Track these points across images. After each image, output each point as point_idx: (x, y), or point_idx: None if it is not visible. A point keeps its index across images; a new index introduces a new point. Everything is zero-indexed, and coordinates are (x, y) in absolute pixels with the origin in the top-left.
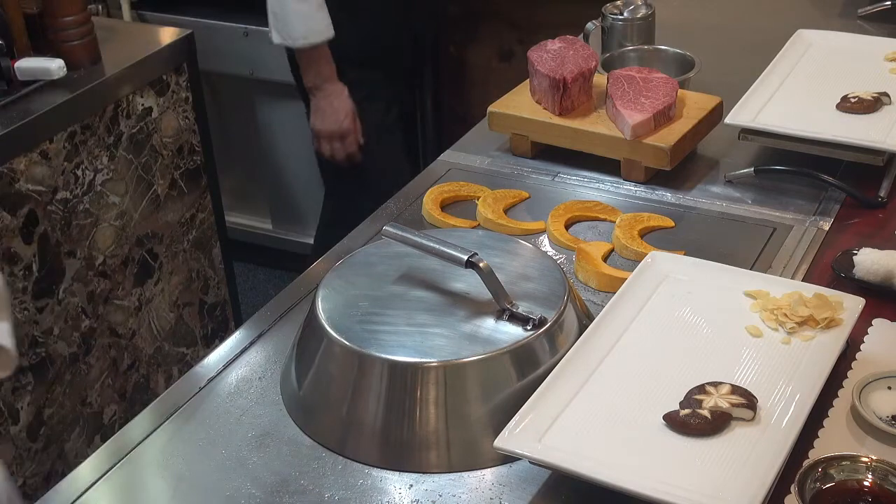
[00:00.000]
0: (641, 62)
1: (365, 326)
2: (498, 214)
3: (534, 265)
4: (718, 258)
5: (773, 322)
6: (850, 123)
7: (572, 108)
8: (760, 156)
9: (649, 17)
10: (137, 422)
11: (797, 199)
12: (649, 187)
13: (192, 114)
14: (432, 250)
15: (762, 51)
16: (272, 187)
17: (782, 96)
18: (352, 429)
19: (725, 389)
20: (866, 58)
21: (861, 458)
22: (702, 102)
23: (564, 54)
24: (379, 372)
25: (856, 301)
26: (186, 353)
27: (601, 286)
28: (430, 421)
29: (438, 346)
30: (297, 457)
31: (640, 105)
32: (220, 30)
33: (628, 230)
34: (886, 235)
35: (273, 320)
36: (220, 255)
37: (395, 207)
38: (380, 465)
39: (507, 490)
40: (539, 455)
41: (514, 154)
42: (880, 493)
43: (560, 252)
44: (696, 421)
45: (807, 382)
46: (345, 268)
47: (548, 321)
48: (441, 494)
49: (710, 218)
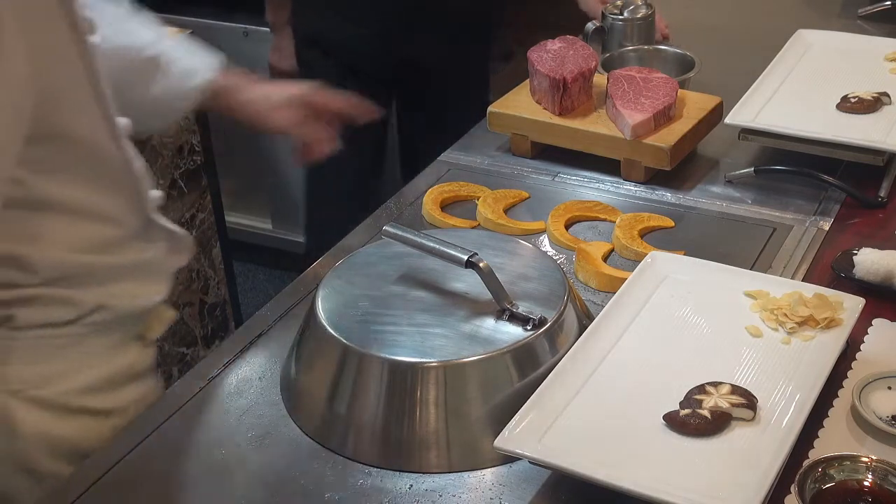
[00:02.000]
0: (641, 62)
1: (365, 326)
2: (498, 214)
3: (534, 265)
4: (718, 258)
5: (773, 322)
6: (850, 123)
7: (572, 108)
8: (760, 156)
9: (649, 17)
10: (137, 422)
11: (797, 199)
12: (649, 187)
13: (192, 114)
14: (432, 250)
15: (762, 51)
16: (272, 187)
17: (782, 96)
18: (352, 429)
19: (725, 389)
20: (866, 58)
21: (861, 458)
22: (702, 102)
23: (564, 54)
24: (379, 372)
25: (856, 301)
26: (186, 353)
27: (601, 286)
28: (430, 421)
29: (438, 346)
30: (297, 457)
31: (640, 105)
32: (220, 30)
33: (628, 230)
34: (886, 235)
35: (273, 320)
36: (220, 255)
37: (395, 207)
38: (380, 465)
39: (507, 490)
40: (539, 455)
41: (514, 154)
42: (880, 493)
43: (560, 252)
44: (696, 421)
45: (807, 382)
46: (345, 268)
47: (548, 321)
48: (441, 494)
49: (710, 218)
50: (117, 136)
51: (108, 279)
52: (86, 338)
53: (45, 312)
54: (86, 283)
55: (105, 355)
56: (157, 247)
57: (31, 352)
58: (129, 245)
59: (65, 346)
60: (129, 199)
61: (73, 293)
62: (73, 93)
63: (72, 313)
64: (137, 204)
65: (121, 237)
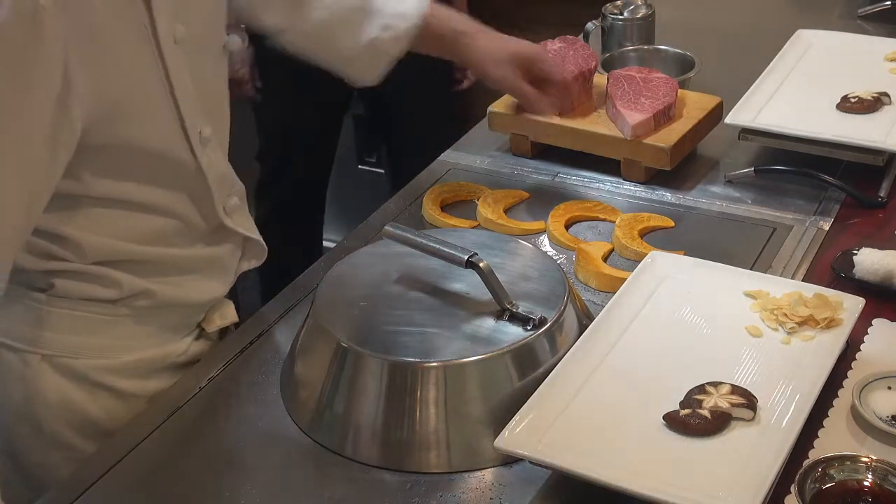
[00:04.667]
0: (641, 62)
1: (365, 326)
2: (498, 214)
3: (534, 265)
4: (718, 258)
5: (773, 322)
6: (850, 123)
7: (572, 108)
8: (760, 156)
9: (649, 17)
10: (137, 421)
11: (797, 199)
12: (649, 187)
13: None
14: (432, 250)
15: (762, 51)
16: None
17: (782, 96)
18: (352, 429)
19: (725, 389)
20: (866, 58)
21: (861, 458)
22: (702, 102)
23: (564, 54)
24: (379, 372)
25: (856, 301)
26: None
27: (601, 286)
28: (430, 421)
29: (438, 346)
30: (298, 457)
31: (640, 105)
32: None
33: (628, 230)
34: (886, 235)
35: (273, 320)
36: None
37: (395, 207)
38: (380, 465)
39: (507, 490)
40: (539, 455)
41: (514, 154)
42: (880, 493)
43: (560, 252)
44: (696, 421)
45: (807, 382)
46: (345, 268)
47: (548, 321)
48: (441, 494)
49: (710, 218)
50: (193, 145)
51: (161, 269)
52: (128, 319)
53: (87, 288)
54: (136, 270)
55: (146, 342)
56: (225, 248)
57: (68, 321)
58: (193, 242)
59: (104, 323)
60: (199, 203)
61: (120, 276)
62: (146, 105)
63: (114, 294)
64: (208, 209)
65: (183, 233)
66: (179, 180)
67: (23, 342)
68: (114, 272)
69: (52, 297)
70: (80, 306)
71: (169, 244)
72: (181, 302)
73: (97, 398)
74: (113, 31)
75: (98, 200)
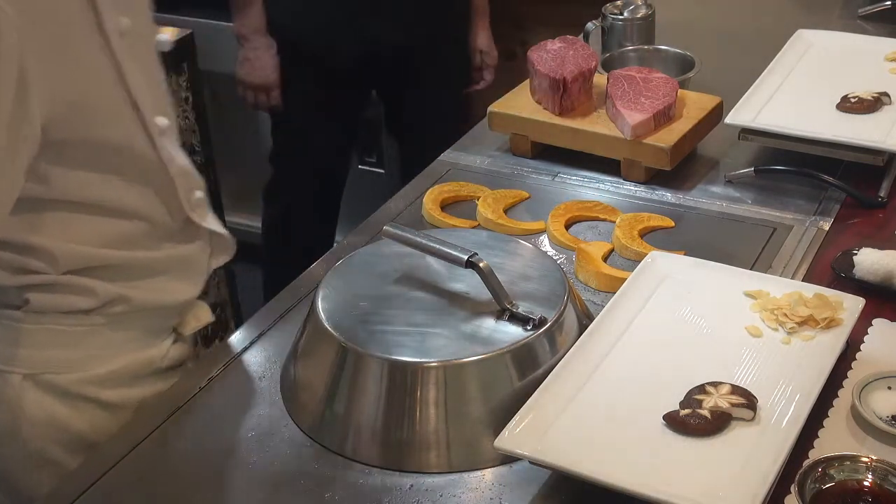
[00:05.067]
0: (641, 62)
1: (365, 326)
2: (498, 214)
3: (534, 265)
4: (718, 258)
5: (773, 322)
6: (850, 123)
7: (572, 108)
8: (760, 156)
9: (649, 17)
10: (137, 421)
11: (797, 199)
12: (649, 187)
13: (192, 114)
14: (432, 250)
15: (762, 51)
16: None
17: (782, 96)
18: (352, 429)
19: (725, 389)
20: (866, 58)
21: (861, 458)
22: (702, 102)
23: (564, 54)
24: (379, 372)
25: (856, 301)
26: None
27: (601, 286)
28: (430, 421)
29: (438, 346)
30: (297, 457)
31: (640, 105)
32: (220, 30)
33: (628, 230)
34: (886, 235)
35: (273, 320)
36: None
37: (395, 207)
38: (380, 465)
39: (507, 490)
40: (539, 455)
41: (514, 154)
42: (880, 493)
43: (560, 252)
44: (696, 421)
45: (807, 382)
46: (345, 268)
47: (548, 321)
48: (441, 494)
49: (710, 218)
50: (153, 136)
51: (134, 273)
52: (105, 328)
53: (63, 300)
54: (109, 276)
55: (125, 348)
56: (195, 246)
57: (46, 337)
58: (162, 242)
59: (82, 334)
60: (164, 199)
61: (94, 283)
62: (103, 99)
63: (91, 303)
64: (173, 204)
65: (151, 234)
66: (143, 174)
67: (2, 362)
68: (87, 280)
69: (29, 313)
70: (57, 320)
71: (138, 246)
72: (156, 304)
73: (82, 412)
74: (64, 27)
75: (65, 204)
